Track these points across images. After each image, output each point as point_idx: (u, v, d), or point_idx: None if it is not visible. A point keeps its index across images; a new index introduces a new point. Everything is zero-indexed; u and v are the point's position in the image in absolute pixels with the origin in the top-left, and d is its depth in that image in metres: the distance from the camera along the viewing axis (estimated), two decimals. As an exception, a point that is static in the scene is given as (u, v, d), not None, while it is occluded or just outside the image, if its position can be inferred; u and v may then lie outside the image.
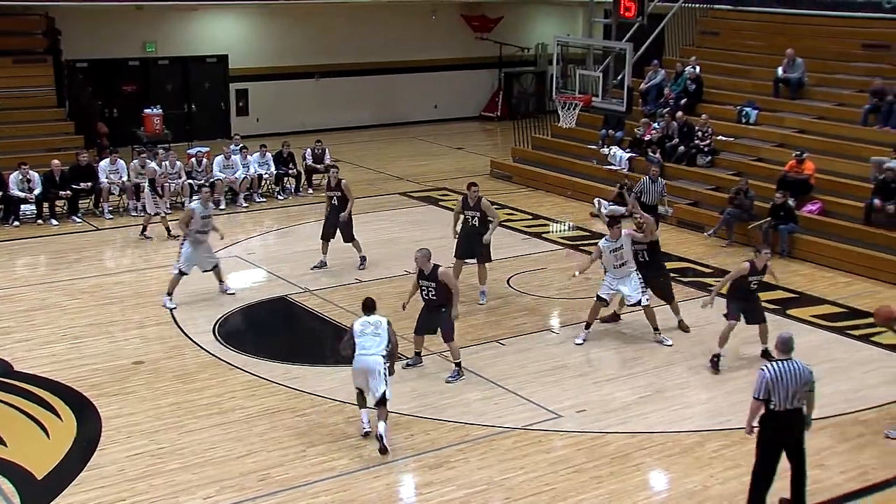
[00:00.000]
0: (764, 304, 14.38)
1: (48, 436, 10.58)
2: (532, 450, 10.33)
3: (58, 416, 11.03)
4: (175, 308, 14.29)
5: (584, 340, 13.30)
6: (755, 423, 8.92)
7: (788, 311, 14.58)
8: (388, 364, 10.41)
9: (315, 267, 16.11)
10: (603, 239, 13.43)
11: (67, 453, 10.21)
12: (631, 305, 13.54)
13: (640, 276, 13.27)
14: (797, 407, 8.75)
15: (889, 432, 10.70)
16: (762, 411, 8.81)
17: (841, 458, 10.25)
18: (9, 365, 12.37)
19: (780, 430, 8.82)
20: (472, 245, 14.54)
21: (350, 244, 16.12)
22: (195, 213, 14.54)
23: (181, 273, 14.51)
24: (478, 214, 14.46)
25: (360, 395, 10.52)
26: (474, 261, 14.65)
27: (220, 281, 14.98)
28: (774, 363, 8.77)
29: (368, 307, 10.73)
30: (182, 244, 14.70)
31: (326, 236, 16.14)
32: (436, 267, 12.01)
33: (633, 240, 13.22)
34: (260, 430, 10.70)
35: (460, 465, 10.01)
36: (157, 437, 10.53)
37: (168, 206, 18.74)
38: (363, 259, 16.16)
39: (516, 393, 11.69)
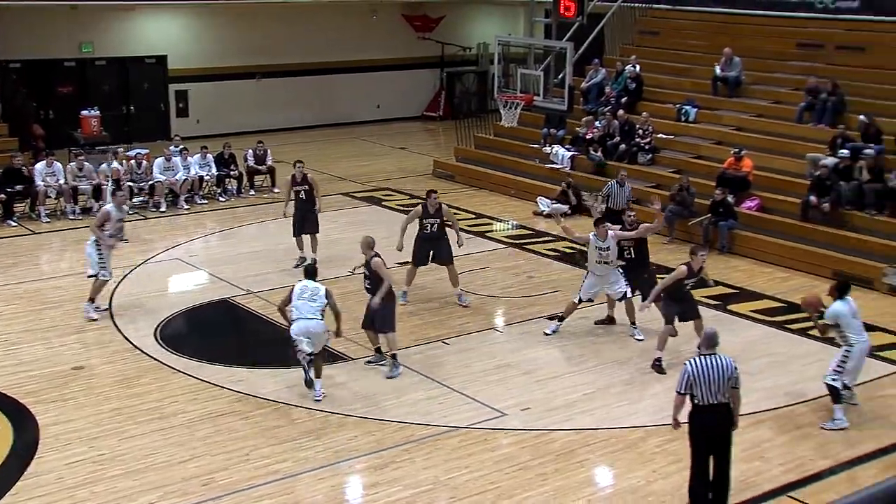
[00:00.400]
0: (705, 300, 14.61)
1: (-16, 444, 10.37)
2: (477, 448, 10.34)
3: (-6, 424, 10.81)
4: (97, 320, 13.75)
5: (552, 333, 13.46)
6: (682, 419, 9.03)
7: (729, 307, 14.78)
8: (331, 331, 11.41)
9: (297, 265, 15.93)
10: (592, 234, 13.37)
11: (3, 462, 10.00)
12: (619, 300, 13.54)
13: (621, 271, 13.35)
14: (722, 402, 8.79)
15: (824, 425, 10.88)
16: (688, 406, 8.90)
17: (780, 451, 10.42)
18: (-58, 373, 12.10)
19: (704, 424, 8.87)
20: (432, 250, 14.35)
21: (310, 237, 16.14)
22: (111, 216, 14.00)
23: (103, 278, 13.91)
24: (438, 221, 14.29)
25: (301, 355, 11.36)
26: (435, 265, 14.55)
27: (91, 300, 13.95)
28: (698, 358, 8.85)
29: (309, 273, 11.65)
30: (90, 246, 13.95)
31: (300, 232, 16.11)
32: (372, 257, 11.96)
33: (619, 238, 13.23)
34: (203, 434, 10.58)
35: (406, 465, 9.99)
36: (97, 443, 10.35)
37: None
38: (314, 261, 16.02)
39: (461, 392, 11.70)
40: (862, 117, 18.37)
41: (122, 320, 13.91)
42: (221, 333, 14.31)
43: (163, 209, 19.97)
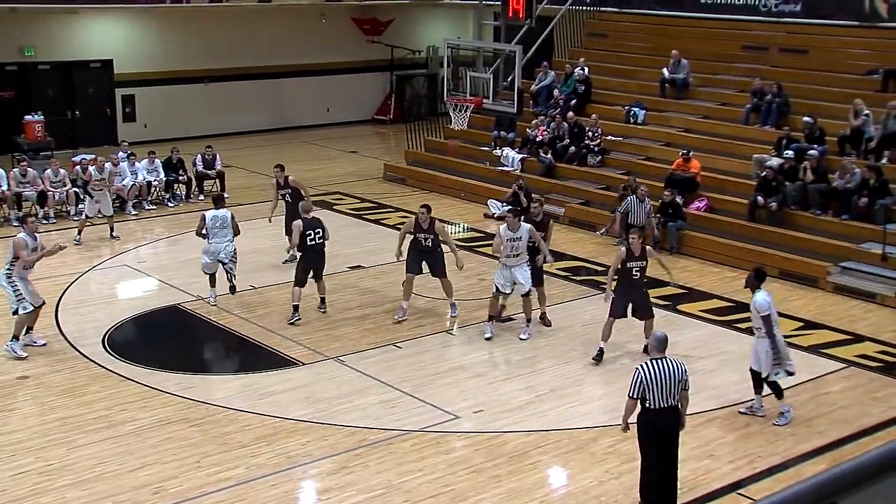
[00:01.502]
0: (654, 301, 14.73)
1: (-73, 457, 10.14)
2: (430, 451, 10.34)
3: (-63, 435, 10.58)
4: (25, 358, 12.60)
5: (491, 335, 13.45)
6: (631, 421, 9.09)
7: (678, 307, 14.92)
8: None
9: (287, 261, 15.98)
10: (503, 227, 13.43)
11: (-52, 474, 9.81)
12: (522, 295, 13.50)
13: (529, 267, 13.34)
14: (672, 405, 8.85)
15: (777, 422, 11.02)
16: (637, 409, 8.94)
17: (730, 448, 10.54)
18: None
19: (656, 427, 8.90)
20: (426, 261, 14.13)
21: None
22: (27, 244, 12.61)
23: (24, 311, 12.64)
24: (432, 237, 14.03)
25: (212, 277, 14.52)
26: (427, 273, 14.36)
27: (30, 328, 12.99)
28: (649, 362, 8.87)
29: (217, 201, 14.61)
30: (2, 279, 12.68)
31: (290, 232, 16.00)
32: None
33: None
34: (153, 441, 10.46)
35: (359, 469, 9.95)
36: (43, 453, 10.18)
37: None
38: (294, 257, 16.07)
39: (413, 395, 11.69)
40: (807, 118, 18.65)
41: (68, 328, 13.70)
42: (171, 340, 14.15)
43: (110, 214, 19.66)
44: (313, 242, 13.92)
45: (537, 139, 21.98)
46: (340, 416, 11.11)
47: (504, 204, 20.18)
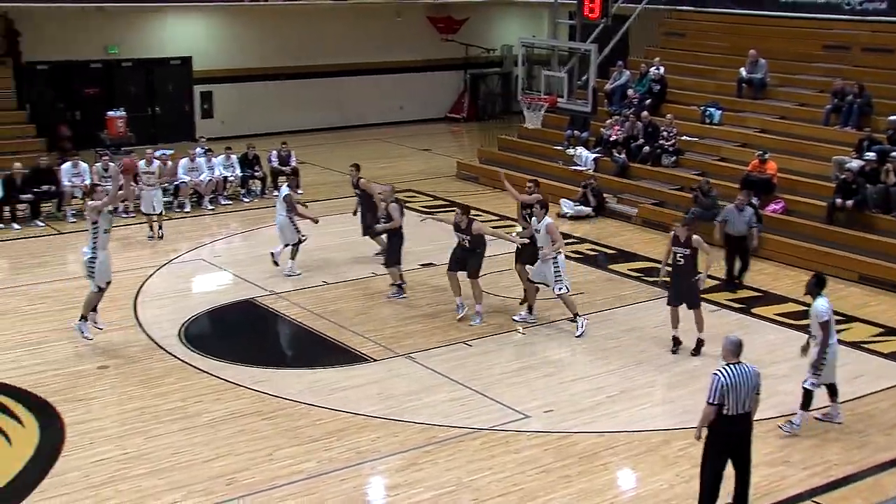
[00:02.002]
0: (729, 304, 14.56)
1: (10, 443, 10.43)
2: (500, 450, 10.34)
3: (20, 422, 10.89)
4: (90, 339, 12.87)
5: (523, 319, 13.90)
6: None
7: (753, 310, 14.70)
8: None
9: (378, 254, 16.30)
10: (534, 218, 13.78)
11: (30, 460, 10.08)
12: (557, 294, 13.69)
13: (556, 267, 13.48)
14: (746, 411, 8.69)
15: (783, 426, 10.77)
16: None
17: (805, 454, 10.35)
18: (-30, 371, 12.22)
19: (731, 434, 8.71)
20: (464, 258, 14.14)
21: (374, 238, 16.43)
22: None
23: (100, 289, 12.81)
24: (468, 238, 14.01)
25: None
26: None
27: (95, 308, 12.99)
28: (727, 367, 8.66)
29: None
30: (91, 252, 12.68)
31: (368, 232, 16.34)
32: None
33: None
34: (226, 433, 10.63)
35: (428, 466, 9.99)
36: (122, 442, 10.42)
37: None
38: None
39: (483, 394, 11.70)
40: (892, 118, 18.21)
41: (146, 320, 14.00)
42: (245, 334, 14.36)
43: (187, 210, 20.09)
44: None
45: (611, 139, 21.83)
46: (410, 413, 11.17)
47: (576, 203, 20.11)
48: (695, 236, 12.78)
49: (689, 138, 21.31)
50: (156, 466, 9.91)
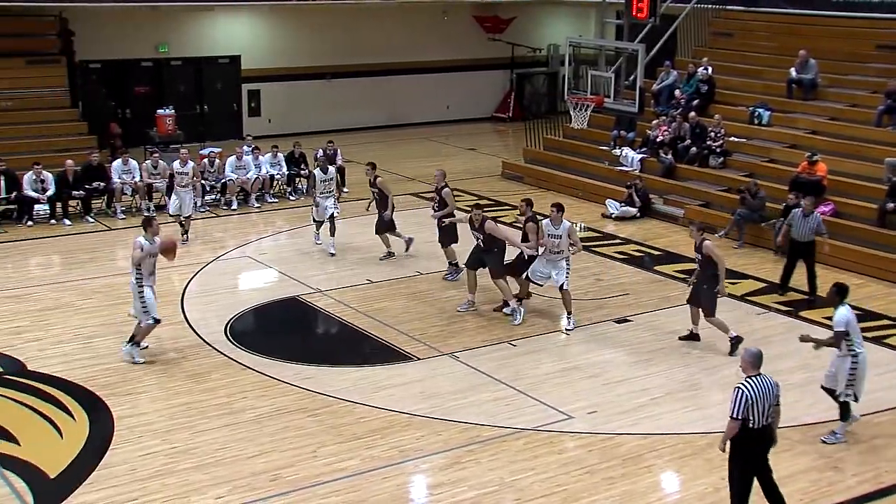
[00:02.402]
0: (776, 307, 14.41)
1: (61, 435, 10.62)
2: (543, 451, 10.32)
3: (70, 415, 11.07)
4: (141, 363, 12.51)
5: (513, 311, 13.98)
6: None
7: (801, 313, 14.52)
8: None
9: (383, 258, 16.76)
10: (545, 221, 13.72)
11: (80, 452, 10.25)
12: (557, 288, 13.82)
13: (568, 265, 13.64)
14: (768, 423, 8.53)
15: (825, 438, 10.55)
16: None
17: (854, 461, 10.21)
18: (22, 364, 12.42)
19: (757, 447, 8.57)
20: (482, 257, 14.28)
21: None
22: (142, 247, 12.31)
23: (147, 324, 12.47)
24: (481, 237, 14.12)
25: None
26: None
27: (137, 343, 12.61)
28: (749, 380, 8.49)
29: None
30: (132, 285, 12.44)
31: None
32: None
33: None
34: (271, 430, 10.72)
35: (471, 465, 10.00)
36: (169, 436, 10.56)
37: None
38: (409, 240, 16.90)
39: (527, 394, 11.68)
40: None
41: (193, 316, 14.15)
42: (290, 331, 14.48)
43: (234, 207, 20.28)
44: None
45: (658, 139, 21.69)
46: (454, 412, 11.18)
47: (622, 204, 20.01)
48: (706, 242, 12.76)
49: (736, 139, 21.10)
50: (201, 461, 10.02)
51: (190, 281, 15.68)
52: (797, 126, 21.00)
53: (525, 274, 14.01)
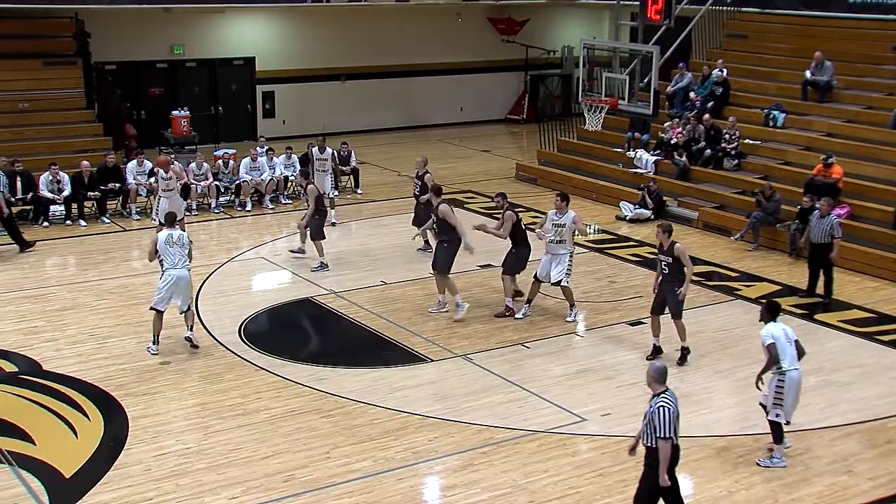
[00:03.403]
0: (791, 309, 14.35)
1: (76, 435, 10.68)
2: (556, 453, 10.31)
3: (85, 415, 11.13)
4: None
5: (524, 315, 14.08)
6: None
7: (816, 316, 14.47)
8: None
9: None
10: (551, 211, 13.94)
11: (95, 452, 10.30)
12: (552, 284, 13.97)
13: (570, 261, 13.84)
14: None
15: (761, 461, 10.15)
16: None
17: (869, 465, 10.16)
18: (38, 364, 12.49)
19: (674, 465, 8.31)
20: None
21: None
22: (158, 242, 12.71)
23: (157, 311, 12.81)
24: (435, 221, 14.52)
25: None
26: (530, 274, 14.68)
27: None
28: (667, 395, 8.21)
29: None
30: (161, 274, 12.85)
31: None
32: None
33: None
34: (285, 431, 10.75)
35: (484, 467, 10.01)
36: (183, 437, 10.60)
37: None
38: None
39: (541, 396, 11.68)
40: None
41: (207, 317, 14.19)
42: (304, 332, 14.51)
43: (248, 208, 20.34)
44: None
45: (672, 141, 21.65)
46: (467, 414, 11.19)
47: (636, 206, 19.98)
48: (677, 245, 12.45)
49: (751, 141, 21.04)
50: (215, 462, 10.06)
51: (204, 282, 15.72)
52: (812, 128, 20.93)
53: (534, 274, 14.09)
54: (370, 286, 15.60)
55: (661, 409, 8.12)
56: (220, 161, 20.78)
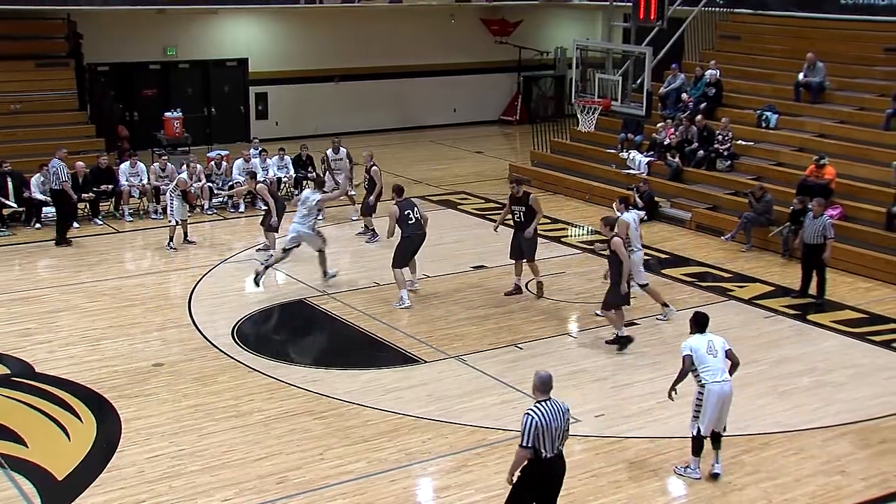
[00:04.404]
0: (784, 310, 14.38)
1: (68, 437, 10.65)
2: (550, 454, 10.30)
3: (78, 417, 11.10)
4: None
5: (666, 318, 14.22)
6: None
7: (809, 317, 14.50)
8: None
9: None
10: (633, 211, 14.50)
11: (87, 454, 10.27)
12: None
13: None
14: (559, 451, 8.06)
15: (677, 468, 10.03)
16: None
17: (862, 465, 10.18)
18: (30, 366, 12.46)
19: (545, 478, 8.07)
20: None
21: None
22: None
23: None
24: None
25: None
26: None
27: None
28: (540, 405, 7.96)
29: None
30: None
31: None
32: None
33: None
34: (278, 432, 10.74)
35: (478, 468, 10.00)
36: (176, 439, 10.58)
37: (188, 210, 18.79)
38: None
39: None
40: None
41: (200, 318, 14.17)
42: (297, 334, 14.49)
43: (241, 210, 20.31)
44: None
45: (665, 142, 21.68)
46: (461, 415, 11.19)
47: (631, 207, 19.94)
48: (616, 239, 12.88)
49: (744, 142, 21.07)
50: (208, 463, 10.04)
51: (197, 283, 15.70)
52: (805, 129, 20.96)
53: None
54: (363, 288, 15.58)
55: (526, 416, 7.96)
56: (212, 163, 20.75)
